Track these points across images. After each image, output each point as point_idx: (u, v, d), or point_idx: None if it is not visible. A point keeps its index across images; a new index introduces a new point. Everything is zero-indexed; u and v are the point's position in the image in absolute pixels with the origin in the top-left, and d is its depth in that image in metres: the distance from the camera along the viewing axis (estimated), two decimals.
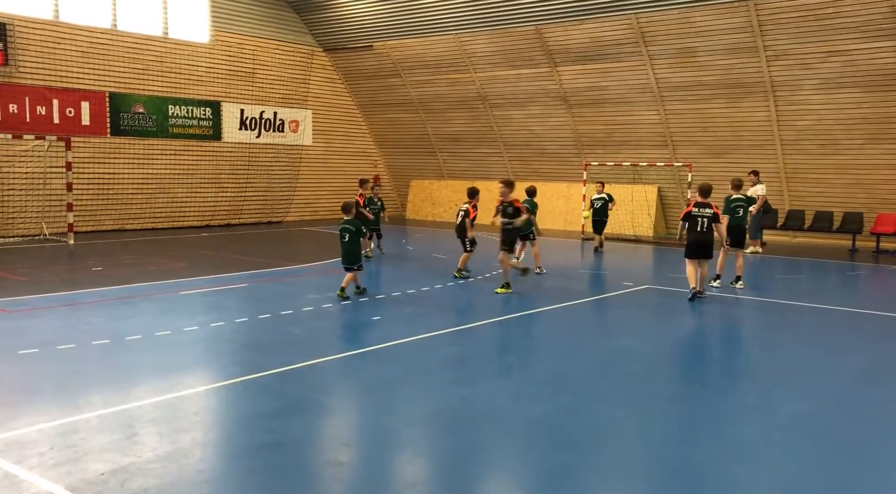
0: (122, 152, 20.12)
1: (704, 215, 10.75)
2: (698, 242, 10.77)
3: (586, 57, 20.24)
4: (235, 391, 6.40)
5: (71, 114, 19.04)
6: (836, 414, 6.12)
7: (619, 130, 21.24)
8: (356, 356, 7.62)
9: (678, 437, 5.54)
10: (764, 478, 4.83)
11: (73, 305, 9.91)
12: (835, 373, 7.32)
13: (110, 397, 6.12)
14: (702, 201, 10.87)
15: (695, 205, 10.89)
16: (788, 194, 19.14)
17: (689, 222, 10.86)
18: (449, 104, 24.01)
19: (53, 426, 5.43)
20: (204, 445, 5.26)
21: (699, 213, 10.78)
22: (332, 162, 25.69)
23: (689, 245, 10.92)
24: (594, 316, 10.04)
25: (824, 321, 9.95)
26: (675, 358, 8.00)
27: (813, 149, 18.35)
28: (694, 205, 10.90)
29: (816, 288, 13.22)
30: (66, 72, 18.90)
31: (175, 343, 7.95)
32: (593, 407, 6.17)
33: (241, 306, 10.07)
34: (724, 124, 19.37)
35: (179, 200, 21.42)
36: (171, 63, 20.96)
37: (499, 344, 8.52)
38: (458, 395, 6.48)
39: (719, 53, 18.28)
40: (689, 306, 10.69)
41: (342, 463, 4.99)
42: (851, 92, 17.22)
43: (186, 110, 21.43)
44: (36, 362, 7.16)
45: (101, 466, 4.72)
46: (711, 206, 10.84)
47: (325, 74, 25.23)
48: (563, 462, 5.02)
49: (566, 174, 22.54)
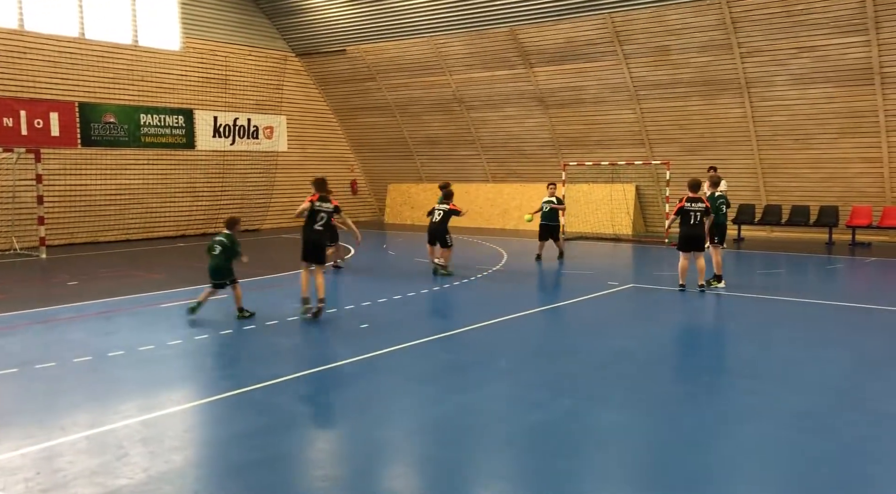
0: (94, 163, 19.70)
1: (697, 208, 11.17)
2: (692, 235, 11.20)
3: (562, 57, 20.26)
4: (226, 406, 6.22)
5: (39, 125, 18.60)
6: (837, 409, 6.11)
7: (597, 130, 21.30)
8: (346, 365, 7.47)
9: (681, 439, 5.48)
10: (771, 478, 4.78)
11: (50, 321, 9.63)
12: (829, 367, 7.33)
13: (97, 416, 5.92)
14: (693, 195, 11.23)
15: (687, 200, 11.23)
16: (765, 189, 19.32)
17: (682, 216, 11.21)
18: (425, 107, 23.91)
19: (38, 450, 5.22)
20: (197, 464, 5.09)
21: (692, 207, 11.17)
22: (309, 168, 25.39)
23: (682, 239, 11.29)
24: (584, 317, 9.99)
25: (810, 315, 10.00)
26: (670, 358, 7.97)
27: (788, 144, 18.55)
28: (686, 200, 11.24)
29: (797, 283, 13.32)
30: (34, 82, 18.47)
31: (160, 358, 7.74)
32: (593, 410, 6.10)
33: (224, 317, 9.85)
34: (701, 121, 19.51)
35: (154, 210, 21.03)
36: (141, 71, 20.60)
37: (491, 349, 8.42)
38: (455, 402, 6.37)
39: (693, 51, 18.40)
40: (676, 304, 10.70)
41: (338, 478, 4.85)
42: (824, 87, 17.43)
43: (158, 119, 21.06)
44: (15, 382, 6.91)
45: (92, 490, 4.54)
46: (702, 200, 11.28)
47: (298, 79, 24.99)
48: (566, 468, 4.93)
49: (545, 175, 22.49)
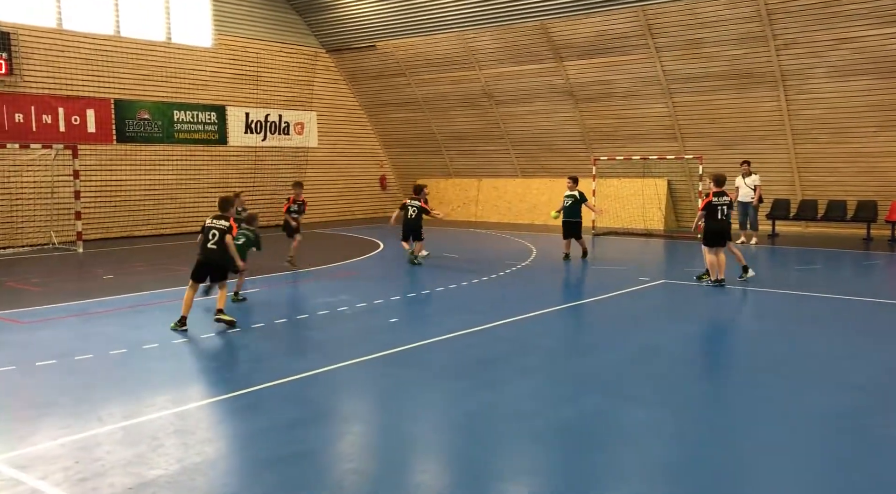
0: (129, 159, 20.04)
1: (723, 202, 11.13)
2: (719, 230, 11.13)
3: (592, 51, 20.08)
4: (258, 399, 6.29)
5: (76, 122, 18.96)
6: (872, 410, 5.98)
7: (627, 124, 21.08)
8: (376, 359, 7.50)
9: (712, 437, 5.41)
10: (801, 479, 4.70)
11: (87, 314, 9.83)
12: (864, 367, 7.18)
13: (132, 408, 6.03)
14: (717, 189, 11.20)
15: (714, 194, 11.16)
16: (800, 184, 18.96)
17: (710, 211, 11.12)
18: (454, 102, 23.88)
19: (76, 440, 5.34)
20: (229, 456, 5.16)
21: (719, 202, 11.12)
22: (338, 163, 25.59)
23: (709, 234, 11.21)
24: (613, 313, 9.91)
25: (845, 311, 9.81)
26: (700, 355, 7.87)
27: (824, 138, 18.17)
28: (713, 194, 11.16)
29: (834, 279, 13.06)
30: (71, 80, 18.83)
31: (193, 351, 7.86)
32: (622, 407, 6.05)
33: (256, 311, 9.97)
34: (734, 115, 19.20)
35: (187, 205, 21.34)
36: (174, 68, 20.88)
37: (520, 344, 8.40)
38: (483, 398, 6.36)
39: (727, 44, 18.10)
40: (708, 300, 10.57)
41: (368, 473, 4.88)
42: (862, 79, 17.03)
43: (191, 115, 21.34)
44: (54, 373, 7.07)
45: (129, 480, 4.63)
46: (727, 194, 11.28)
47: (328, 75, 25.12)
48: (594, 465, 4.91)
49: (574, 170, 22.29)
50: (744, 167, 17.19)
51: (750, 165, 17.21)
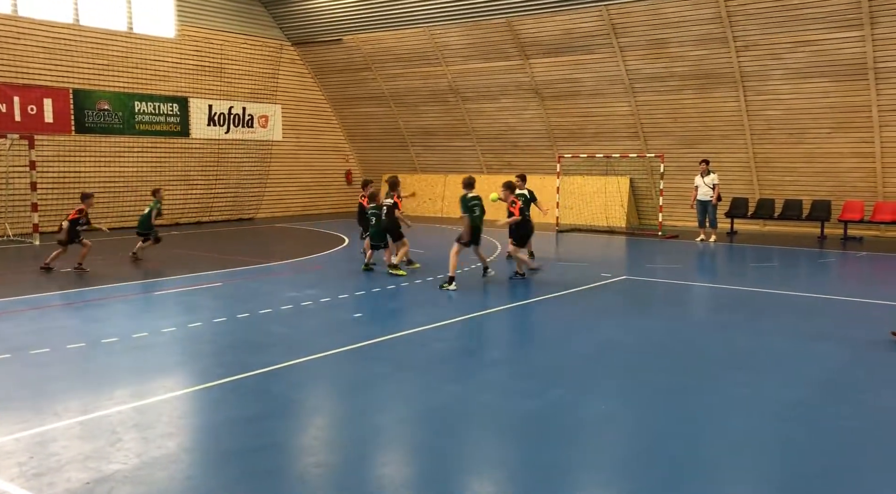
0: (88, 150, 19.63)
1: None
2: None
3: (558, 49, 20.25)
4: (220, 393, 6.25)
5: (33, 111, 18.50)
6: (826, 401, 6.18)
7: (592, 122, 21.31)
8: (341, 353, 7.50)
9: (673, 429, 5.53)
10: (761, 469, 4.84)
11: (44, 307, 9.62)
12: (819, 360, 7.40)
13: (90, 402, 5.94)
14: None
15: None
16: (758, 183, 19.38)
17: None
18: (421, 98, 23.87)
19: (32, 435, 5.24)
20: (191, 450, 5.12)
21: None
22: (303, 157, 25.40)
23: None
24: (576, 308, 10.02)
25: (801, 307, 10.07)
26: (661, 349, 8.01)
27: (782, 138, 18.61)
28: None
29: (789, 276, 13.39)
30: (27, 68, 18.37)
31: (154, 345, 7.76)
32: (584, 401, 6.15)
33: (217, 305, 9.87)
34: (695, 115, 19.54)
35: (148, 198, 20.91)
36: (136, 59, 20.50)
37: (484, 339, 8.47)
38: (448, 391, 6.41)
39: (689, 44, 18.41)
40: (669, 296, 10.77)
41: (332, 465, 4.89)
42: (819, 81, 17.47)
43: (153, 107, 20.98)
44: (9, 368, 6.92)
45: (86, 475, 4.56)
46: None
47: (294, 68, 24.90)
48: (556, 457, 4.98)
49: (539, 167, 22.55)
50: (702, 166, 17.53)
51: (709, 165, 17.55)
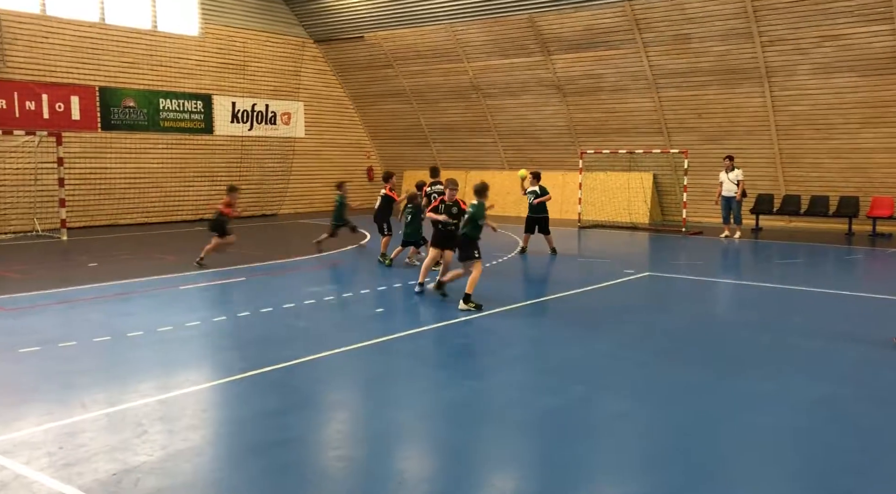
0: (114, 147, 19.89)
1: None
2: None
3: (580, 45, 20.13)
4: (243, 387, 6.31)
5: (61, 109, 18.79)
6: (851, 398, 6.10)
7: (615, 118, 21.17)
8: (362, 348, 7.54)
9: (697, 426, 5.48)
10: (783, 464, 4.79)
11: (71, 302, 9.78)
12: (845, 357, 7.30)
13: (116, 395, 6.03)
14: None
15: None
16: (784, 179, 19.13)
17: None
18: (442, 94, 23.87)
19: (61, 426, 5.34)
20: (215, 443, 5.18)
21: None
22: (325, 154, 25.52)
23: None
24: (598, 305, 9.98)
25: (827, 305, 9.94)
26: (684, 346, 7.95)
27: (809, 134, 18.34)
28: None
29: (815, 273, 13.21)
30: (55, 66, 18.65)
31: (178, 339, 7.85)
32: (606, 397, 6.12)
33: (241, 300, 9.97)
34: (720, 110, 19.33)
35: (172, 194, 21.22)
36: (160, 56, 20.72)
37: (506, 335, 8.46)
38: (469, 387, 6.42)
39: (714, 40, 18.21)
40: (692, 292, 10.68)
41: (354, 459, 4.92)
42: (847, 76, 17.19)
43: (177, 104, 21.20)
44: (38, 360, 7.05)
45: (113, 466, 4.64)
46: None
47: (316, 65, 25.01)
48: (577, 453, 4.97)
49: (561, 163, 22.47)
50: (726, 162, 17.32)
51: (733, 161, 17.35)
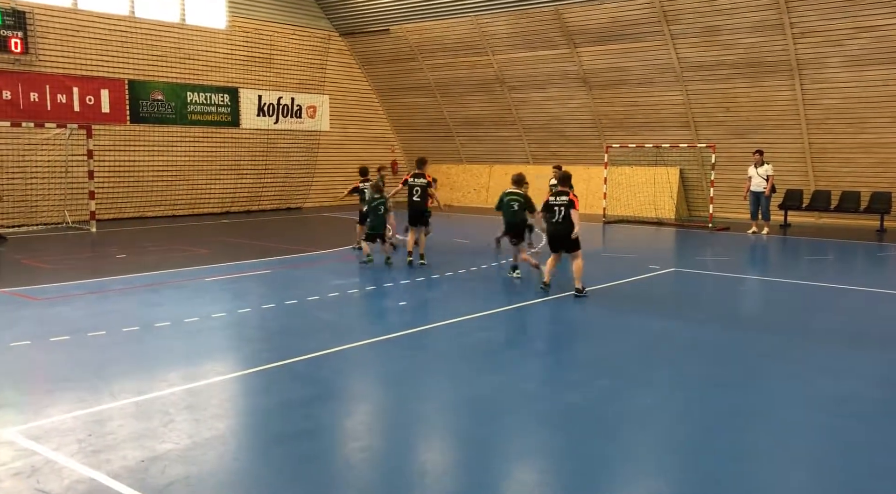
0: (142, 140, 20.14)
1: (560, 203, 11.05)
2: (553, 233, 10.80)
3: (606, 37, 19.95)
4: (268, 378, 6.37)
5: (91, 102, 19.06)
6: (877, 397, 5.99)
7: (640, 112, 20.97)
8: (386, 341, 7.57)
9: (721, 422, 5.42)
10: (808, 461, 4.73)
11: (100, 292, 9.93)
12: (871, 356, 7.17)
13: (144, 384, 6.12)
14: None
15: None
16: (814, 175, 18.82)
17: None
18: (467, 87, 23.81)
19: (90, 413, 5.43)
20: (240, 432, 5.24)
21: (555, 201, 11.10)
22: (350, 147, 25.60)
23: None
24: (623, 300, 9.91)
25: (856, 302, 9.77)
26: (710, 342, 7.87)
27: (840, 128, 18.02)
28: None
29: (845, 270, 13.00)
30: (86, 60, 18.90)
31: (204, 330, 7.94)
32: (630, 392, 6.08)
33: (266, 292, 10.06)
34: (748, 104, 19.05)
35: (199, 186, 21.44)
36: (188, 50, 20.91)
37: (529, 329, 8.44)
38: (492, 380, 6.41)
39: (743, 32, 17.94)
40: (718, 289, 10.57)
41: (376, 450, 4.94)
42: (880, 69, 16.85)
43: (205, 97, 21.40)
44: (68, 349, 7.18)
45: (141, 453, 4.71)
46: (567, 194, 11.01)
47: (341, 58, 25.08)
48: (600, 448, 4.94)
49: (586, 157, 22.32)
50: (756, 157, 17.11)
51: (762, 155, 17.12)
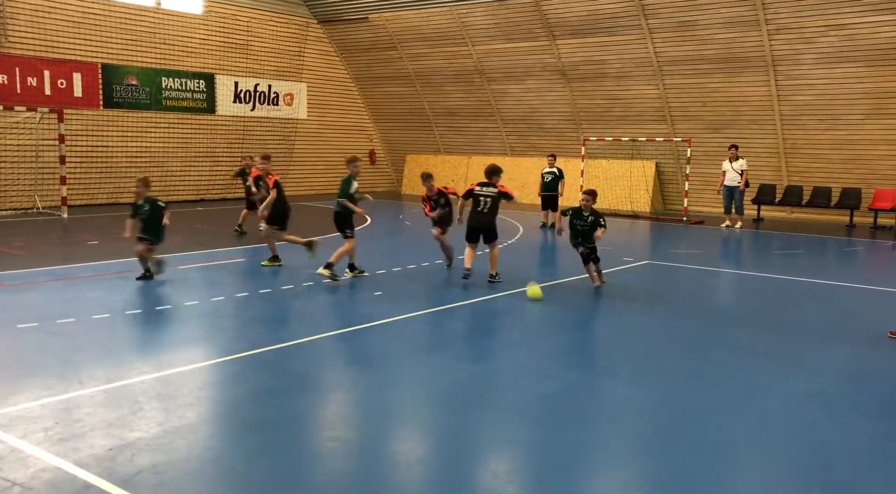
0: (115, 125, 19.84)
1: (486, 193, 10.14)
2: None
3: (585, 30, 20.00)
4: (240, 367, 6.33)
5: (63, 85, 18.73)
6: (847, 390, 6.11)
7: (618, 105, 21.08)
8: (360, 330, 7.56)
9: (689, 413, 5.50)
10: (777, 453, 4.81)
11: (70, 279, 9.80)
12: (842, 349, 7.31)
13: (113, 371, 6.05)
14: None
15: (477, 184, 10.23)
16: (787, 170, 19.08)
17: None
18: (446, 78, 23.75)
19: (57, 401, 5.36)
20: (210, 421, 5.21)
21: (481, 192, 10.19)
22: (327, 136, 25.44)
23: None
24: (597, 292, 9.98)
25: (826, 296, 9.95)
26: (682, 335, 7.96)
27: (812, 124, 18.27)
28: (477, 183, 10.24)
29: (815, 264, 13.21)
30: (57, 42, 18.56)
31: (176, 318, 7.88)
32: (602, 383, 6.15)
33: (240, 280, 9.99)
34: (724, 99, 19.24)
35: (174, 173, 21.19)
36: (164, 34, 20.61)
37: (504, 320, 8.47)
38: (466, 371, 6.44)
39: (719, 27, 18.09)
40: (691, 282, 10.68)
41: (348, 440, 4.95)
42: (852, 66, 17.09)
43: (180, 83, 21.12)
44: (36, 336, 7.08)
45: (109, 441, 4.67)
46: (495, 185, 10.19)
47: (320, 46, 24.88)
48: (572, 438, 4.99)
49: (564, 150, 22.36)
50: (731, 151, 17.29)
51: (737, 150, 17.31)
